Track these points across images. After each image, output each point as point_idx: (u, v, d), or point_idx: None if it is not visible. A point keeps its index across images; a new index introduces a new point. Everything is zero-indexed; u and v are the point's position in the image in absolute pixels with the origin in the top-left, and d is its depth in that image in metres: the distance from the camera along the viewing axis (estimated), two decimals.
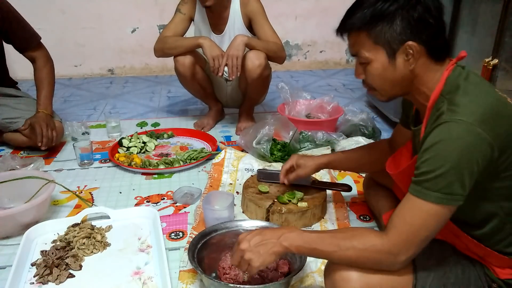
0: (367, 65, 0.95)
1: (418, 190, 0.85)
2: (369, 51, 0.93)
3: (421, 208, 0.85)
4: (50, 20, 3.34)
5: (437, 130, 0.84)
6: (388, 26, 0.89)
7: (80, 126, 2.28)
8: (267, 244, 0.94)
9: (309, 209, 1.44)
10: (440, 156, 0.82)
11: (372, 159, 1.36)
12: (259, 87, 2.22)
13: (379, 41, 0.91)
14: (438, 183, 0.83)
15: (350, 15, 0.94)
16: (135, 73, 3.69)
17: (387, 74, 0.93)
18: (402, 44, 0.89)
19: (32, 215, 1.43)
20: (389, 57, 0.91)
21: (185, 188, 1.70)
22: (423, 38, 0.89)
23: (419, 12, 0.87)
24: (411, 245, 0.87)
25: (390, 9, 0.88)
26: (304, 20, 3.71)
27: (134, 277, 1.22)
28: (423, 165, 0.85)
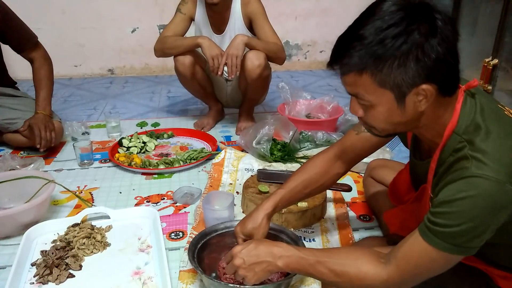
0: (369, 106, 0.82)
1: (431, 237, 0.79)
2: (372, 94, 0.79)
3: (430, 255, 0.80)
4: (50, 20, 3.34)
5: (462, 183, 0.76)
6: (399, 69, 0.74)
7: (80, 126, 2.28)
8: (262, 263, 0.94)
9: (309, 209, 1.44)
10: (463, 213, 0.76)
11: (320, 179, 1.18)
12: (259, 87, 2.22)
13: (386, 84, 0.76)
14: (455, 238, 0.77)
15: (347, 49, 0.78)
16: (135, 73, 3.70)
17: (393, 117, 0.81)
18: (414, 87, 0.76)
19: (32, 215, 1.43)
20: (398, 101, 0.78)
21: (185, 188, 1.70)
22: (439, 77, 0.76)
23: (437, 51, 0.73)
24: (409, 284, 0.86)
25: (402, 49, 0.73)
26: (304, 20, 3.71)
27: (134, 277, 1.22)
28: (440, 216, 0.78)
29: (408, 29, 0.72)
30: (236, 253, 0.97)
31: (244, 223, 1.13)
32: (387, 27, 0.73)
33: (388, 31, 0.73)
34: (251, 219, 1.12)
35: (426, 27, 0.72)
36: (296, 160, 1.93)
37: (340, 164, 1.18)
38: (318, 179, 1.18)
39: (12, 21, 1.93)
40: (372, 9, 0.77)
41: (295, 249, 0.95)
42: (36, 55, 2.03)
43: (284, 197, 1.16)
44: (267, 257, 0.94)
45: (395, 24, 0.73)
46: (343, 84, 0.83)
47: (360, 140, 1.12)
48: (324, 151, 1.21)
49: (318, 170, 1.18)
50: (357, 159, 1.18)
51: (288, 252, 0.94)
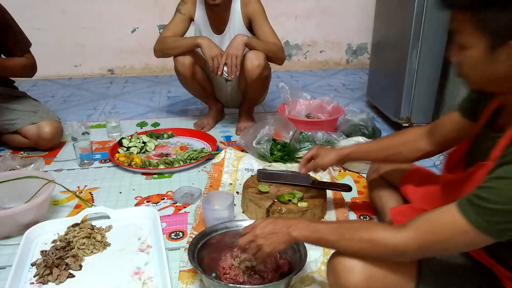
0: (462, 48, 0.82)
1: (467, 209, 0.77)
2: (469, 35, 0.79)
3: (458, 224, 0.78)
4: (50, 20, 3.35)
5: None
6: (502, 13, 0.74)
7: (80, 126, 2.28)
8: (279, 233, 0.98)
9: (309, 209, 1.44)
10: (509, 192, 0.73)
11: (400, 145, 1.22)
12: (258, 88, 2.22)
13: (484, 28, 0.76)
14: (494, 216, 0.75)
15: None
16: (135, 73, 3.70)
17: (481, 65, 0.80)
18: (510, 39, 0.75)
19: (32, 215, 1.43)
20: (490, 48, 0.77)
21: (185, 188, 1.70)
22: None
23: None
24: (424, 252, 0.83)
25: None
26: (304, 20, 3.71)
27: (134, 277, 1.22)
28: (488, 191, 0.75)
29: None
30: (257, 224, 1.02)
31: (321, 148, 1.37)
32: None
33: None
34: (327, 150, 1.34)
35: None
36: (296, 160, 1.93)
37: (428, 141, 1.18)
38: (398, 145, 1.22)
39: (8, 28, 1.91)
40: None
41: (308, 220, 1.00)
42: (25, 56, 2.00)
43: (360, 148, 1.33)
44: (283, 227, 0.98)
45: None
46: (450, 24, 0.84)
47: (448, 119, 1.12)
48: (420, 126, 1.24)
49: (404, 138, 1.22)
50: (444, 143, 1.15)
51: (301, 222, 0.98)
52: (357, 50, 3.91)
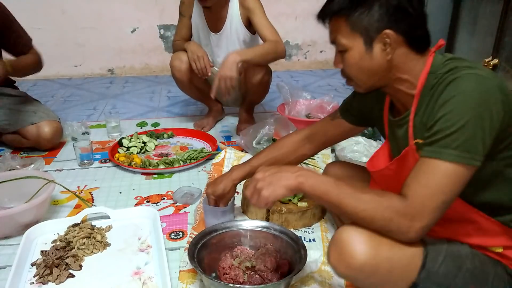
0: (344, 53, 0.92)
1: (433, 150, 0.82)
2: (346, 38, 0.90)
3: (437, 168, 0.81)
4: (50, 20, 3.35)
5: (452, 85, 0.82)
6: (366, 12, 0.86)
7: (80, 126, 2.28)
8: (281, 176, 0.94)
9: (309, 209, 1.44)
10: (457, 110, 0.79)
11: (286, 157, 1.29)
12: (259, 92, 2.23)
13: (356, 28, 0.88)
14: (457, 139, 0.79)
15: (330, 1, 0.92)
16: (135, 73, 3.70)
17: (364, 63, 0.91)
18: (379, 32, 0.87)
19: (32, 215, 1.43)
20: (366, 45, 0.89)
21: (185, 188, 1.70)
22: (402, 28, 0.86)
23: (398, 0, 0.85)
24: (427, 210, 0.82)
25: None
26: (304, 20, 3.71)
27: (134, 277, 1.22)
28: (438, 122, 0.81)
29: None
30: (260, 169, 0.99)
31: (215, 186, 1.29)
32: None
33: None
34: (221, 185, 1.28)
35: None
36: None
37: (309, 146, 1.27)
38: (284, 157, 1.29)
39: (10, 25, 1.92)
40: None
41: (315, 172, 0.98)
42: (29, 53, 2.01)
43: (251, 171, 1.27)
44: (288, 171, 0.95)
45: None
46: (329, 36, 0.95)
47: (333, 125, 1.22)
48: (296, 132, 1.31)
49: (286, 149, 1.29)
50: (326, 144, 1.29)
51: (308, 171, 0.95)
52: None
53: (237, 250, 1.23)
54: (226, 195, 1.30)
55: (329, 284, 1.19)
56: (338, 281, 1.20)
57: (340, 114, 1.21)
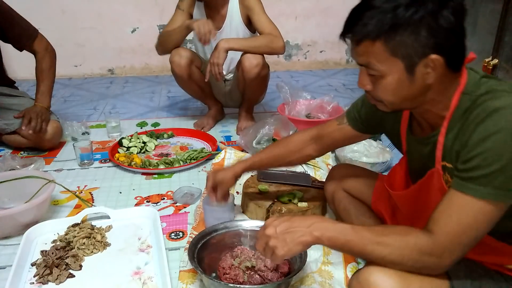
0: (378, 77, 0.83)
1: (469, 187, 0.76)
2: (383, 63, 0.80)
3: (471, 205, 0.76)
4: (50, 20, 3.34)
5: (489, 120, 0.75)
6: (411, 37, 0.76)
7: (80, 126, 2.28)
8: (295, 232, 0.87)
9: (309, 209, 1.44)
10: (498, 149, 0.73)
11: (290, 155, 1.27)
12: (257, 87, 2.22)
13: (397, 53, 0.78)
14: (494, 178, 0.74)
15: (360, 18, 0.79)
16: (135, 73, 3.70)
17: (402, 88, 0.82)
18: (424, 57, 0.78)
19: (32, 215, 1.43)
20: (407, 71, 0.80)
21: (185, 188, 1.70)
22: (447, 50, 0.78)
23: (448, 21, 0.75)
24: (457, 247, 0.79)
25: (415, 17, 0.75)
26: (304, 20, 3.71)
27: (134, 277, 1.22)
28: (477, 158, 0.75)
29: None
30: (269, 223, 0.91)
31: (216, 174, 1.31)
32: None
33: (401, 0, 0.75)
34: (223, 173, 1.31)
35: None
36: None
37: (314, 147, 1.25)
38: (288, 155, 1.28)
39: (13, 19, 1.93)
40: None
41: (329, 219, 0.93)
42: (38, 48, 2.03)
43: (254, 164, 1.32)
44: (301, 226, 0.87)
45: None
46: (353, 55, 0.84)
47: (340, 131, 1.19)
48: (303, 131, 1.29)
49: (291, 148, 1.27)
50: (331, 147, 1.27)
51: (322, 221, 0.88)
52: None
53: (237, 250, 1.23)
54: (225, 183, 1.30)
55: (329, 284, 1.19)
56: (338, 281, 1.20)
57: (348, 121, 1.16)
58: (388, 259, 0.82)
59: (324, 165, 1.85)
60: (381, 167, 1.84)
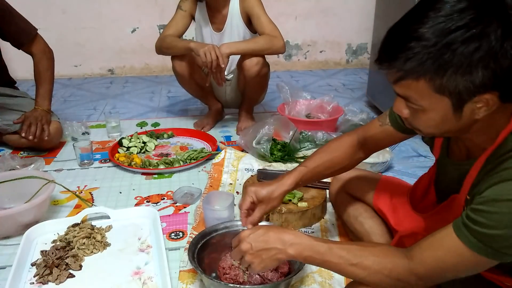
0: (419, 111, 0.75)
1: (466, 236, 0.72)
2: (427, 100, 0.71)
3: (461, 252, 0.73)
4: (50, 20, 3.34)
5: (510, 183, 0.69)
6: (463, 76, 0.66)
7: (80, 126, 2.28)
8: (271, 250, 0.88)
9: (309, 209, 1.44)
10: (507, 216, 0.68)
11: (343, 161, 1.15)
12: (257, 86, 2.22)
13: (444, 91, 0.69)
14: (495, 241, 0.70)
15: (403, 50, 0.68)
16: (135, 73, 3.70)
17: (445, 124, 0.74)
18: (476, 96, 0.68)
19: (32, 215, 1.43)
20: (455, 108, 0.71)
21: (185, 188, 1.70)
22: (505, 89, 0.68)
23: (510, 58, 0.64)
24: (433, 280, 0.78)
25: (472, 57, 0.64)
26: (304, 20, 3.71)
27: (134, 277, 1.22)
28: (484, 215, 0.70)
29: (481, 33, 0.63)
30: (244, 238, 0.90)
31: (262, 188, 1.08)
32: (455, 29, 0.64)
33: (456, 34, 0.64)
34: (269, 188, 1.08)
35: (501, 30, 0.63)
36: (296, 160, 1.93)
37: (363, 151, 1.16)
38: (340, 161, 1.15)
39: (11, 15, 1.92)
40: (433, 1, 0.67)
41: (306, 236, 0.89)
42: (35, 49, 2.02)
43: (305, 175, 1.12)
44: (277, 243, 0.87)
45: (465, 26, 0.63)
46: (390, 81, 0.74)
47: (382, 132, 1.10)
48: (348, 135, 1.18)
49: (342, 153, 1.15)
50: (376, 149, 1.17)
51: (299, 239, 0.87)
52: (357, 50, 3.91)
53: None
54: (272, 201, 1.08)
55: (329, 284, 1.19)
56: (338, 281, 1.20)
57: (390, 122, 1.07)
58: (366, 280, 0.83)
59: None
60: (381, 167, 1.84)
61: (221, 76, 2.01)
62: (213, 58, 1.92)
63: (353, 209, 1.31)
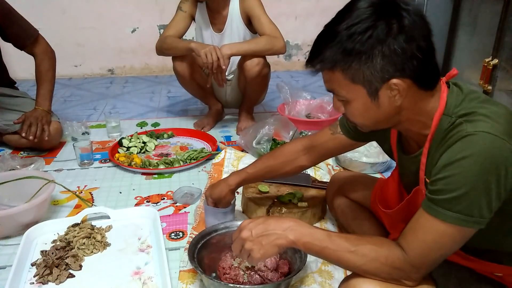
0: (346, 102, 0.84)
1: (434, 209, 0.77)
2: (346, 90, 0.81)
3: (436, 228, 0.77)
4: (50, 20, 3.34)
5: (458, 144, 0.75)
6: (366, 64, 0.76)
7: (80, 126, 2.28)
8: (271, 235, 0.89)
9: (309, 209, 1.44)
10: (463, 174, 0.73)
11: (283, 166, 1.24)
12: (258, 86, 2.22)
13: (357, 80, 0.78)
14: (459, 203, 0.74)
15: (319, 49, 0.80)
16: (135, 73, 3.70)
17: (369, 112, 0.83)
18: (385, 82, 0.77)
19: (32, 215, 1.43)
20: (371, 96, 0.80)
21: (185, 188, 1.70)
22: (410, 73, 0.76)
23: (401, 45, 0.74)
24: (424, 264, 0.81)
25: (368, 44, 0.74)
26: (304, 20, 3.72)
27: (134, 277, 1.22)
28: (441, 182, 0.76)
29: (374, 25, 0.74)
30: (244, 226, 0.93)
31: (212, 190, 1.30)
32: (357, 22, 0.75)
33: (356, 26, 0.75)
34: (218, 189, 1.29)
35: (392, 23, 0.74)
36: None
37: (307, 157, 1.22)
38: (281, 167, 1.25)
39: (13, 17, 1.93)
40: (349, 6, 0.79)
41: (306, 224, 0.91)
42: (37, 50, 2.02)
43: (247, 178, 1.28)
44: (277, 229, 0.89)
45: (364, 20, 0.75)
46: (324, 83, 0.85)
47: (333, 140, 1.16)
48: (294, 142, 1.26)
49: (284, 159, 1.24)
50: (325, 157, 1.24)
51: (299, 225, 0.89)
52: None
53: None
54: (223, 199, 1.29)
55: (329, 284, 1.19)
56: (338, 281, 1.20)
57: (341, 130, 1.14)
58: (362, 269, 0.84)
59: (324, 165, 1.85)
60: (381, 167, 1.84)
61: (222, 77, 2.01)
62: (214, 59, 1.92)
63: (350, 211, 1.32)
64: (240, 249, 0.93)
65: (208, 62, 1.93)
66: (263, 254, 0.90)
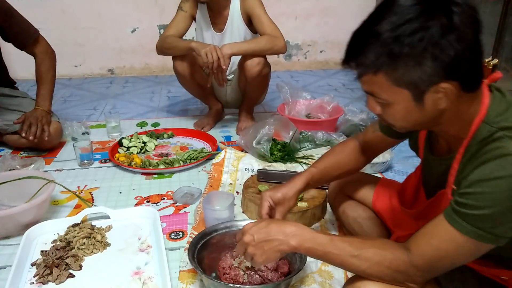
0: (385, 105, 0.80)
1: (457, 220, 0.75)
2: (388, 93, 0.76)
3: (454, 238, 0.75)
4: (50, 20, 3.34)
5: (498, 162, 0.71)
6: (416, 67, 0.71)
7: (80, 126, 2.28)
8: (273, 241, 0.88)
9: (309, 209, 1.44)
10: (495, 195, 0.71)
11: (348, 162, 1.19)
12: (258, 86, 2.22)
13: (401, 83, 0.74)
14: (484, 221, 0.72)
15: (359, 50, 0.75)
16: (135, 73, 3.70)
17: (411, 115, 0.79)
18: (432, 85, 0.73)
19: (32, 215, 1.43)
20: (415, 99, 0.75)
21: (185, 188, 1.70)
22: (459, 77, 0.72)
23: (455, 48, 0.69)
24: (431, 270, 0.80)
25: (419, 47, 0.69)
26: (304, 20, 3.71)
27: (134, 277, 1.22)
28: (470, 197, 0.73)
29: (425, 25, 0.68)
30: (247, 230, 0.92)
31: (276, 191, 1.13)
32: (403, 22, 0.69)
33: (404, 27, 0.69)
34: (283, 189, 1.12)
35: (443, 23, 0.68)
36: (296, 160, 1.92)
37: (364, 158, 1.20)
38: (347, 163, 1.19)
39: (13, 17, 1.93)
40: (388, 3, 0.73)
41: (308, 228, 0.90)
42: (37, 50, 2.02)
43: (315, 176, 1.16)
44: (279, 235, 0.88)
45: (412, 20, 0.69)
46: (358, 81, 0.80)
47: (376, 138, 1.13)
48: (351, 139, 1.22)
49: (346, 156, 1.19)
50: (376, 153, 1.21)
51: (301, 231, 0.88)
52: None
53: None
54: (287, 201, 1.13)
55: (329, 284, 1.19)
56: (338, 281, 1.20)
57: (379, 128, 1.11)
58: (366, 272, 0.84)
59: None
60: (381, 167, 1.84)
61: (222, 77, 2.01)
62: (214, 59, 1.93)
63: (352, 211, 1.31)
64: (244, 252, 0.93)
65: (209, 62, 1.93)
66: (265, 259, 0.90)
